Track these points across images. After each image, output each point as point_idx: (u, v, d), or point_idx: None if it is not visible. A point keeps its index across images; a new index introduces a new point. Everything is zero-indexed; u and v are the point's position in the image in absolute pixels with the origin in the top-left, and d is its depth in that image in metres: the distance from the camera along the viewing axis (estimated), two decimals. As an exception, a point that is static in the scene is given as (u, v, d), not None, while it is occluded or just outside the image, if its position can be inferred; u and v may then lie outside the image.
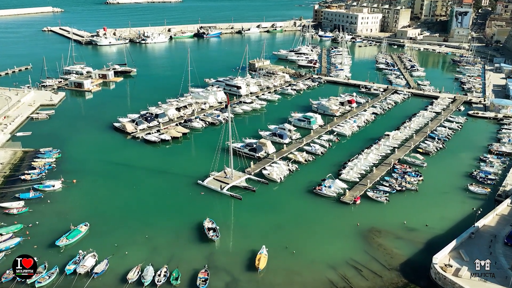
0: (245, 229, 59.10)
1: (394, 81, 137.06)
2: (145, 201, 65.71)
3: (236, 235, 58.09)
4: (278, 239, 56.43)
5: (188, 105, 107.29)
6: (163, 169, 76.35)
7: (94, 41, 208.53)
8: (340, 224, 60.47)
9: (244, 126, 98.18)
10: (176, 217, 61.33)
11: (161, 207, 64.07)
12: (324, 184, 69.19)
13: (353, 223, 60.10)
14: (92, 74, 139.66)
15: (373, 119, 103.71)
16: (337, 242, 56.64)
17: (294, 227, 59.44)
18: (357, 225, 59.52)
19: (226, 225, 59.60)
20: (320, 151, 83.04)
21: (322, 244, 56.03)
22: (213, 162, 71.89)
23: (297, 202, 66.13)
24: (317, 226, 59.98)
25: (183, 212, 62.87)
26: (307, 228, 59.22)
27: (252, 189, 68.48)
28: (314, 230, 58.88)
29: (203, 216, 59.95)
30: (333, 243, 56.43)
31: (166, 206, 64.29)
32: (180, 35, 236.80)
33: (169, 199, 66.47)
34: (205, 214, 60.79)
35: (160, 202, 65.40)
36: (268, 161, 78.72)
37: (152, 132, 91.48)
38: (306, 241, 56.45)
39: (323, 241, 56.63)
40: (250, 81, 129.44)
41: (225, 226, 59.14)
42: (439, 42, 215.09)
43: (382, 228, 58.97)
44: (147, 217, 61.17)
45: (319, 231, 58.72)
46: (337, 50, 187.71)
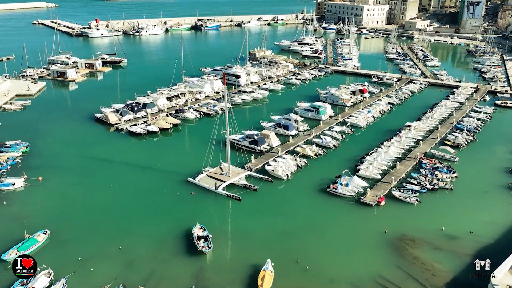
0: (244, 238, 47.34)
1: (407, 71, 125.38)
2: (122, 203, 54.03)
3: (234, 246, 46.35)
4: (287, 250, 44.75)
5: (181, 95, 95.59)
6: (148, 165, 64.70)
7: (85, 33, 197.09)
8: (362, 231, 48.71)
9: (243, 117, 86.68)
10: (159, 223, 49.58)
11: (142, 211, 52.36)
12: (340, 182, 57.50)
13: (378, 230, 48.37)
14: (78, 63, 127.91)
15: (389, 109, 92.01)
16: (360, 254, 44.87)
17: (306, 235, 47.74)
18: (384, 232, 47.79)
19: (221, 232, 47.91)
20: (332, 144, 71.31)
21: (342, 257, 44.32)
22: (207, 156, 60.17)
23: (308, 204, 54.45)
24: (335, 233, 48.29)
25: (168, 217, 51.16)
26: (322, 236, 47.54)
27: (253, 188, 56.83)
28: (331, 239, 47.17)
29: (193, 222, 48.27)
30: (356, 255, 44.67)
31: (147, 209, 52.58)
32: (177, 27, 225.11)
33: (152, 200, 54.74)
34: (195, 218, 49.12)
35: (140, 204, 53.70)
36: (272, 155, 67.03)
37: (138, 123, 79.81)
38: (322, 253, 44.75)
39: (343, 253, 44.92)
40: (250, 70, 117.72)
41: (220, 234, 47.45)
42: (450, 33, 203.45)
43: (415, 236, 47.19)
44: (123, 223, 49.51)
45: (337, 240, 47.00)
46: (343, 41, 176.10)
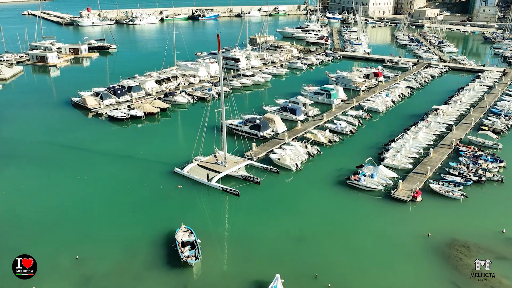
0: (244, 245, 36.06)
1: (423, 56, 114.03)
2: (89, 199, 42.74)
3: (230, 256, 35.06)
4: (301, 262, 33.50)
5: (172, 78, 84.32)
6: (128, 153, 53.46)
7: (75, 22, 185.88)
8: (398, 234, 37.39)
9: (243, 102, 75.50)
10: (133, 225, 38.30)
11: (112, 209, 41.09)
12: (363, 173, 46.20)
13: (419, 233, 37.10)
14: (62, 48, 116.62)
15: (409, 93, 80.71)
16: (399, 265, 33.62)
17: (325, 240, 36.49)
18: (427, 235, 36.50)
19: (214, 237, 36.69)
20: (349, 130, 60.05)
21: (375, 270, 33.01)
22: (197, 142, 49.02)
23: (325, 200, 43.17)
24: (362, 238, 36.99)
25: (145, 216, 39.84)
26: (346, 242, 36.30)
27: (255, 180, 45.62)
28: (358, 245, 35.89)
29: (177, 223, 37.00)
30: (393, 267, 33.39)
31: (119, 207, 41.30)
32: (173, 17, 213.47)
33: (128, 195, 43.47)
34: (181, 219, 37.85)
35: (111, 201, 42.43)
36: (278, 142, 55.77)
37: (120, 108, 68.52)
38: (347, 264, 33.52)
39: (376, 265, 33.60)
40: (251, 54, 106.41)
41: (212, 239, 36.26)
42: (462, 22, 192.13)
43: (469, 240, 35.86)
44: (86, 225, 38.24)
45: (366, 247, 35.70)
46: (349, 29, 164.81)
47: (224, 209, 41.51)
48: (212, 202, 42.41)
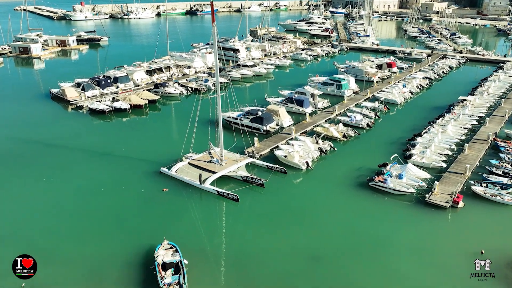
0: (245, 266, 27.94)
1: (437, 47, 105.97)
2: (51, 207, 34.66)
3: (226, 281, 26.88)
4: (316, 286, 25.49)
5: (165, 69, 76.33)
6: (108, 150, 45.42)
7: (67, 16, 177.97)
8: (439, 250, 29.27)
9: (243, 94, 67.61)
10: (101, 240, 30.20)
11: (78, 219, 32.98)
12: (389, 173, 38.10)
13: (467, 248, 29.01)
14: (48, 40, 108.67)
15: (427, 84, 72.68)
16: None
17: (346, 258, 28.42)
18: (480, 253, 28.37)
19: (205, 256, 28.60)
20: (365, 123, 52.01)
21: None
22: (189, 137, 40.90)
23: (343, 206, 35.07)
24: (392, 255, 28.87)
25: (118, 229, 31.72)
26: (373, 261, 28.21)
27: (258, 182, 37.54)
28: (388, 265, 27.81)
29: (159, 238, 28.91)
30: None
31: (88, 217, 33.20)
32: (170, 12, 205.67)
33: (100, 201, 35.38)
34: (164, 232, 29.82)
35: (79, 209, 34.32)
36: (283, 136, 47.71)
37: (104, 100, 60.48)
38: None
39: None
40: (251, 44, 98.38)
41: (202, 258, 28.19)
42: (472, 15, 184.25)
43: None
44: (39, 240, 30.16)
45: (398, 267, 27.59)
46: (354, 21, 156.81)
47: (219, 219, 33.44)
48: (205, 210, 34.33)
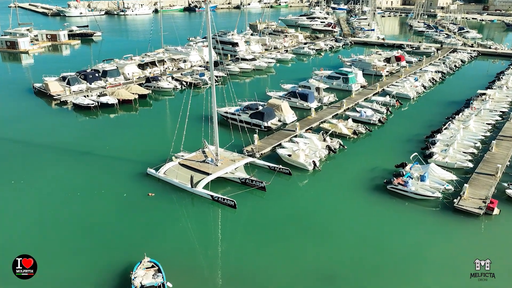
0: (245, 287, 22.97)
1: (445, 41, 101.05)
2: (16, 216, 29.63)
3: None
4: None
5: (158, 62, 71.37)
6: (90, 149, 40.41)
7: (62, 12, 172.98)
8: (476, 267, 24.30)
9: (241, 89, 62.80)
10: (73, 256, 25.17)
11: (46, 231, 27.96)
12: (409, 174, 33.12)
13: (510, 266, 24.04)
14: (38, 35, 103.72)
15: (440, 78, 67.77)
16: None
17: (366, 277, 23.41)
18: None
19: (193, 276, 23.57)
20: (377, 119, 47.04)
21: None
22: (180, 134, 35.99)
23: (359, 213, 30.08)
24: (422, 272, 23.86)
25: (93, 242, 26.65)
26: (399, 280, 23.22)
27: (259, 185, 32.52)
28: (418, 286, 22.80)
29: (139, 254, 23.89)
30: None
31: (58, 228, 28.18)
32: (168, 8, 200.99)
33: (74, 209, 30.34)
34: (145, 247, 24.85)
35: (48, 218, 29.30)
36: (287, 133, 42.74)
37: (90, 94, 55.48)
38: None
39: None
40: (251, 38, 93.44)
41: (191, 279, 23.16)
42: (478, 10, 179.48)
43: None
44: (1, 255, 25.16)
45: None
46: (358, 17, 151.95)
47: (213, 230, 28.47)
48: (196, 219, 29.35)
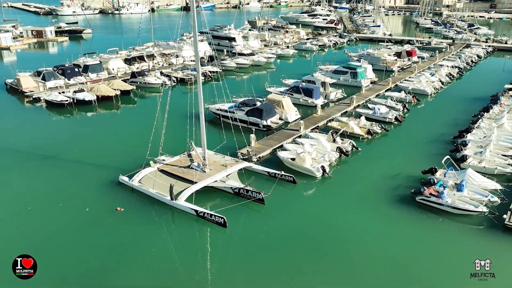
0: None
1: (457, 37, 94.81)
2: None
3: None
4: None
5: (148, 58, 65.11)
6: (56, 153, 34.04)
7: (54, 11, 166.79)
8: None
9: (237, 85, 56.42)
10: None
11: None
12: (441, 182, 26.74)
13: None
14: (23, 31, 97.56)
15: (458, 73, 61.52)
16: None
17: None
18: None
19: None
20: (394, 116, 40.70)
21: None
22: (159, 134, 29.66)
23: (382, 232, 23.67)
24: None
25: (40, 273, 20.10)
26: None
27: (256, 197, 26.07)
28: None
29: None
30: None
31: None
32: (165, 7, 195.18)
33: (20, 228, 23.92)
34: (107, 277, 18.34)
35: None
36: (289, 133, 36.37)
37: (67, 90, 49.16)
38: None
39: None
40: (249, 33, 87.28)
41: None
42: (485, 9, 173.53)
43: None
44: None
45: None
46: (361, 14, 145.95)
47: (197, 254, 22.00)
48: (176, 240, 22.96)
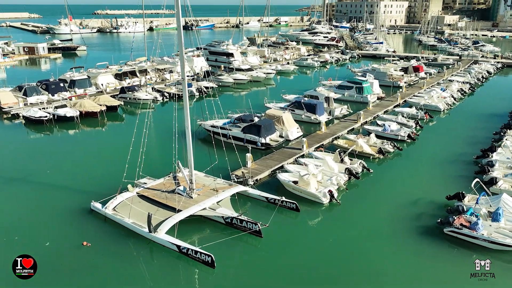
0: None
1: (463, 53, 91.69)
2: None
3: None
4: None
5: (140, 73, 61.53)
6: (24, 175, 29.82)
7: (51, 30, 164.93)
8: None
9: (234, 101, 52.59)
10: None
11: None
12: (472, 210, 22.46)
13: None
14: (15, 48, 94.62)
15: (469, 89, 57.84)
16: None
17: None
18: None
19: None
20: (406, 134, 36.65)
21: None
22: (147, 156, 25.53)
23: (404, 273, 19.26)
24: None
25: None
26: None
27: (252, 228, 21.72)
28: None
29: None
30: None
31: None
32: (164, 26, 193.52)
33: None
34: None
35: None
36: (291, 153, 32.20)
37: (49, 106, 45.27)
38: None
39: None
40: (248, 49, 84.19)
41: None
42: (487, 27, 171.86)
43: None
44: None
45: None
46: (363, 32, 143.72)
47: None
48: (154, 283, 18.54)
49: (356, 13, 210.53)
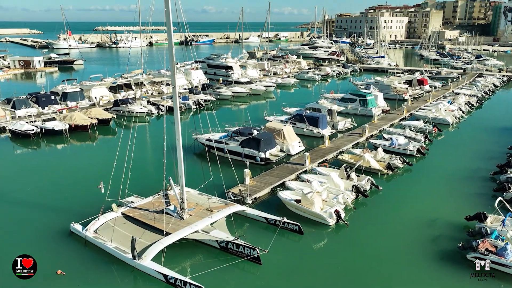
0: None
1: (467, 67, 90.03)
2: None
3: None
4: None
5: (135, 85, 59.58)
6: (5, 192, 27.42)
7: (50, 44, 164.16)
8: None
9: (234, 115, 50.44)
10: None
11: None
12: (497, 233, 19.97)
13: None
14: (10, 61, 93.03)
15: (477, 102, 55.77)
16: None
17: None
18: None
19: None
20: (415, 148, 34.31)
21: None
22: (136, 173, 23.18)
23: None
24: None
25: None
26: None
27: (251, 254, 19.20)
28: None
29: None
30: None
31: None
32: (163, 41, 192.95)
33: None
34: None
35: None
36: (293, 168, 29.80)
37: (37, 119, 43.10)
38: None
39: None
40: (247, 62, 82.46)
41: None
42: (488, 42, 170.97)
43: None
44: None
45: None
46: (363, 47, 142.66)
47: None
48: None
49: (356, 28, 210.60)
